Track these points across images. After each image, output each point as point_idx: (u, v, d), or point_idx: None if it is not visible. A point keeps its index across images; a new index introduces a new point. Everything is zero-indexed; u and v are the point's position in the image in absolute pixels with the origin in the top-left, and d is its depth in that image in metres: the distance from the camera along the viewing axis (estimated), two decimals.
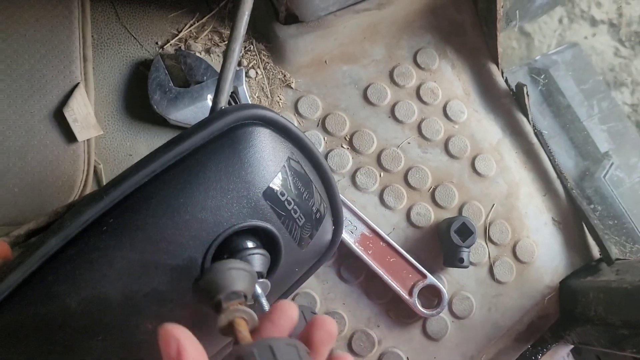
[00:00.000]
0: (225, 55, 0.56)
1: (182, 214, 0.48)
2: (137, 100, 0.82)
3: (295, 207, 0.54)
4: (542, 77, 1.14)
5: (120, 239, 0.46)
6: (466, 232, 0.80)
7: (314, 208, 0.57)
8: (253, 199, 0.51)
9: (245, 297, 0.39)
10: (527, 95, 0.93)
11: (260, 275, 0.48)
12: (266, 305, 0.45)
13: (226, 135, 0.51)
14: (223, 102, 0.55)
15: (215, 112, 0.53)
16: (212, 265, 0.40)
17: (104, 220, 0.46)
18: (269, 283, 0.48)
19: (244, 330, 0.36)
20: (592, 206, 1.01)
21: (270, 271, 0.53)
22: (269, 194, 0.52)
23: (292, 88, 0.89)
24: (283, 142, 0.55)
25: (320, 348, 0.37)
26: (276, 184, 0.52)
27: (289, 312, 0.37)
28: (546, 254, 0.90)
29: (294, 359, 0.32)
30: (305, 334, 0.37)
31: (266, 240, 0.52)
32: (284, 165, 0.54)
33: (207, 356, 0.32)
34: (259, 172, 0.52)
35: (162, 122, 0.81)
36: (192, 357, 0.30)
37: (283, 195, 0.53)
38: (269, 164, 0.53)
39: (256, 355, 0.31)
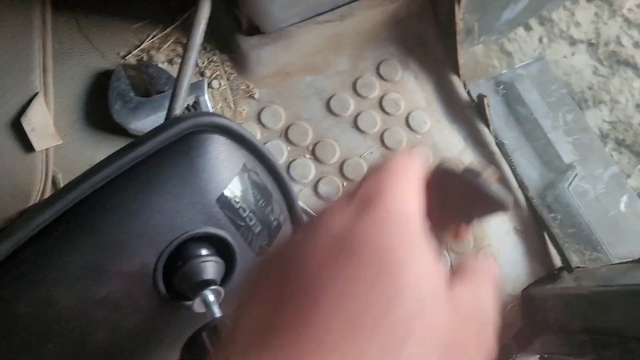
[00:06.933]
0: (181, 63, 0.56)
1: (136, 219, 0.47)
2: (98, 111, 0.82)
3: (250, 214, 0.54)
4: (500, 87, 1.16)
5: (72, 244, 0.46)
6: None
7: (271, 216, 0.57)
8: (207, 206, 0.51)
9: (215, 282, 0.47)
10: (488, 106, 0.94)
11: (213, 282, 0.48)
12: (217, 313, 0.45)
13: (181, 141, 0.51)
14: (178, 110, 0.55)
15: (171, 119, 0.53)
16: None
17: (55, 225, 0.45)
18: (221, 290, 0.48)
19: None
20: (552, 215, 1.02)
21: (225, 279, 0.53)
22: (223, 201, 0.52)
23: (255, 99, 0.89)
24: (238, 150, 0.55)
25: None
26: (230, 191, 0.52)
27: None
28: (508, 263, 0.91)
29: None
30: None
31: (220, 247, 0.52)
32: (238, 173, 0.54)
33: None
34: (213, 178, 0.52)
35: (122, 132, 0.81)
36: None
37: (237, 202, 0.53)
38: (223, 171, 0.53)
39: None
